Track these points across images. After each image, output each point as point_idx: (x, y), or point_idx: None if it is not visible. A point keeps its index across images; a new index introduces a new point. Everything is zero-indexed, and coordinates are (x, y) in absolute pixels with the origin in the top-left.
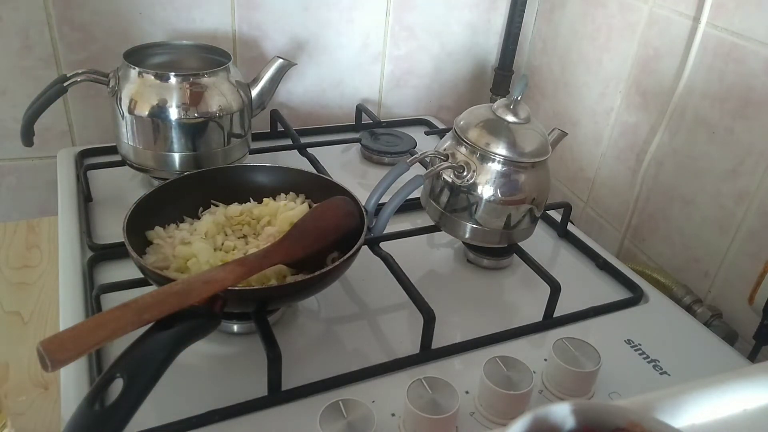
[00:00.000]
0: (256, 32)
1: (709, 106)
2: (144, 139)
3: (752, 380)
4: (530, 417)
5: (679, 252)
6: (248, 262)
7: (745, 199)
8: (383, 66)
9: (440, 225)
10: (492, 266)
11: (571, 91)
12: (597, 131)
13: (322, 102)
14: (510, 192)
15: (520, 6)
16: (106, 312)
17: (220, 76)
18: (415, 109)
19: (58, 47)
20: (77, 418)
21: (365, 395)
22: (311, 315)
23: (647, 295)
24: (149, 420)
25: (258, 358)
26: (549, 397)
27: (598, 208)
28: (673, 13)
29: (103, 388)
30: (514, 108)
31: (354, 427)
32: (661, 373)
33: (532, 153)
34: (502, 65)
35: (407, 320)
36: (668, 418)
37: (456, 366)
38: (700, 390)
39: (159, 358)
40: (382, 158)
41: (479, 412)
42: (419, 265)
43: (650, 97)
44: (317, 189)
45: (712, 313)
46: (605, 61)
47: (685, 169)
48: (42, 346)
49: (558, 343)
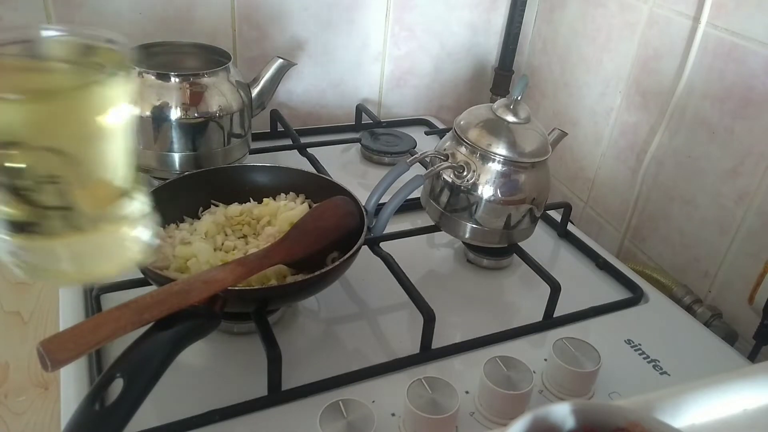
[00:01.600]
0: (256, 32)
1: (709, 106)
2: (144, 139)
3: (752, 380)
4: (530, 417)
5: (679, 252)
6: (248, 262)
7: (745, 199)
8: (383, 66)
9: (440, 225)
10: (492, 266)
11: (571, 91)
12: (597, 131)
13: (322, 102)
14: (510, 192)
15: (520, 6)
16: (106, 312)
17: (220, 76)
18: (415, 109)
19: None
20: (77, 418)
21: (365, 395)
22: (311, 315)
23: (647, 295)
24: (149, 420)
25: (258, 358)
26: (549, 397)
27: (598, 208)
28: (673, 13)
29: (103, 388)
30: (514, 108)
31: (354, 427)
32: (661, 373)
33: (532, 153)
34: (502, 65)
35: (407, 320)
36: (668, 418)
37: (456, 366)
38: (700, 390)
39: (159, 358)
40: (382, 158)
41: (479, 412)
42: (419, 265)
43: (650, 97)
44: (317, 189)
45: (712, 313)
46: (605, 61)
47: (685, 169)
48: (42, 346)
49: (558, 343)
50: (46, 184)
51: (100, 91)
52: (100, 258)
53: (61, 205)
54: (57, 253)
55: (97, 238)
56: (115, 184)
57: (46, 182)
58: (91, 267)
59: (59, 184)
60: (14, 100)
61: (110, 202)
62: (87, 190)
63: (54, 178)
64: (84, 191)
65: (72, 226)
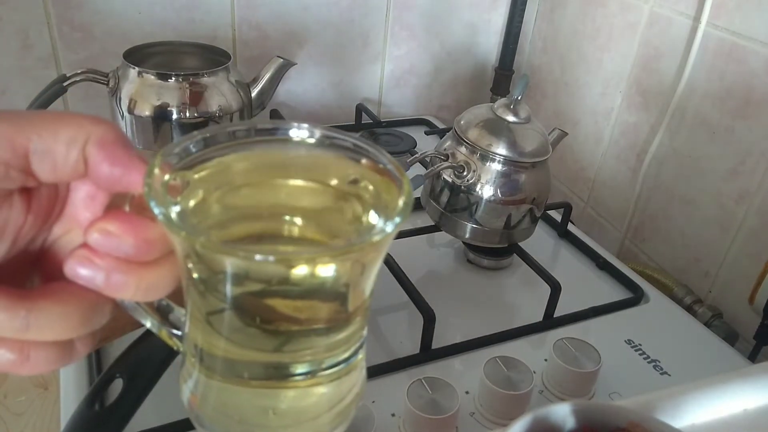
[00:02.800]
0: (256, 32)
1: (710, 105)
2: (144, 139)
3: (752, 380)
4: (530, 417)
5: (679, 252)
6: None
7: (746, 199)
8: (383, 66)
9: (440, 225)
10: (492, 266)
11: (571, 91)
12: (597, 131)
13: (322, 102)
14: (510, 192)
15: (520, 6)
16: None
17: (219, 76)
18: (415, 109)
19: (57, 47)
20: (77, 418)
21: (365, 395)
22: None
23: (647, 295)
24: (149, 420)
25: None
26: (549, 398)
27: (599, 208)
28: (674, 12)
29: (103, 388)
30: (514, 108)
31: (354, 427)
32: (662, 373)
33: (533, 153)
34: (503, 65)
35: (407, 320)
36: (668, 418)
37: (456, 366)
38: (700, 390)
39: (159, 358)
40: None
41: (479, 412)
42: (419, 265)
43: (651, 96)
44: None
45: (712, 313)
46: (605, 61)
47: (685, 169)
48: None
49: (558, 343)
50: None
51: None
52: (323, 414)
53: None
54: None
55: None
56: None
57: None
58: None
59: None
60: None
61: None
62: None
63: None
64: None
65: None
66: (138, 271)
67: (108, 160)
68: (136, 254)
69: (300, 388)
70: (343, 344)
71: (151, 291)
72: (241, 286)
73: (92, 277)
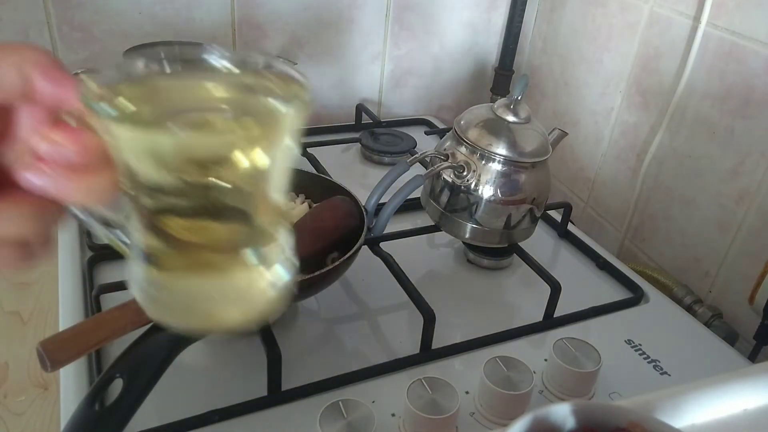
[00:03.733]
0: (256, 32)
1: (710, 105)
2: None
3: (752, 380)
4: (530, 417)
5: (679, 252)
6: None
7: (746, 199)
8: (383, 66)
9: (440, 225)
10: (492, 266)
11: (571, 91)
12: (597, 131)
13: (322, 102)
14: (510, 192)
15: (520, 6)
16: (106, 312)
17: None
18: (415, 109)
19: (57, 47)
20: (77, 418)
21: (365, 395)
22: (311, 315)
23: (647, 295)
24: (149, 420)
25: (258, 358)
26: (549, 398)
27: (599, 208)
28: (674, 12)
29: (103, 388)
30: (514, 108)
31: (354, 427)
32: (662, 373)
33: (533, 153)
34: (502, 65)
35: (407, 320)
36: (668, 418)
37: (456, 366)
38: (700, 390)
39: (159, 358)
40: (382, 158)
41: (479, 412)
42: (419, 265)
43: (651, 96)
44: (317, 189)
45: (712, 313)
46: (605, 61)
47: (685, 169)
48: (42, 346)
49: (558, 343)
50: (236, 208)
51: (297, 116)
52: (234, 301)
53: (241, 234)
54: (189, 291)
55: (236, 276)
56: (277, 215)
57: (238, 206)
58: (222, 310)
59: (244, 208)
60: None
61: (271, 240)
62: (263, 217)
63: (246, 202)
64: (261, 217)
65: (212, 262)
66: (81, 176)
67: (49, 80)
68: (79, 159)
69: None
70: (252, 236)
71: (92, 194)
72: (170, 171)
73: (42, 183)
